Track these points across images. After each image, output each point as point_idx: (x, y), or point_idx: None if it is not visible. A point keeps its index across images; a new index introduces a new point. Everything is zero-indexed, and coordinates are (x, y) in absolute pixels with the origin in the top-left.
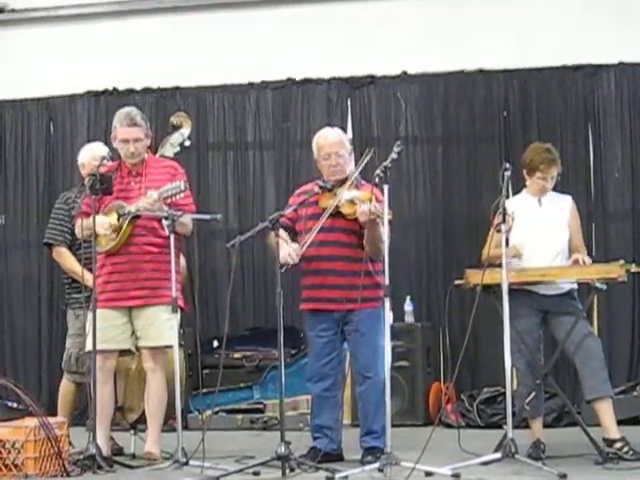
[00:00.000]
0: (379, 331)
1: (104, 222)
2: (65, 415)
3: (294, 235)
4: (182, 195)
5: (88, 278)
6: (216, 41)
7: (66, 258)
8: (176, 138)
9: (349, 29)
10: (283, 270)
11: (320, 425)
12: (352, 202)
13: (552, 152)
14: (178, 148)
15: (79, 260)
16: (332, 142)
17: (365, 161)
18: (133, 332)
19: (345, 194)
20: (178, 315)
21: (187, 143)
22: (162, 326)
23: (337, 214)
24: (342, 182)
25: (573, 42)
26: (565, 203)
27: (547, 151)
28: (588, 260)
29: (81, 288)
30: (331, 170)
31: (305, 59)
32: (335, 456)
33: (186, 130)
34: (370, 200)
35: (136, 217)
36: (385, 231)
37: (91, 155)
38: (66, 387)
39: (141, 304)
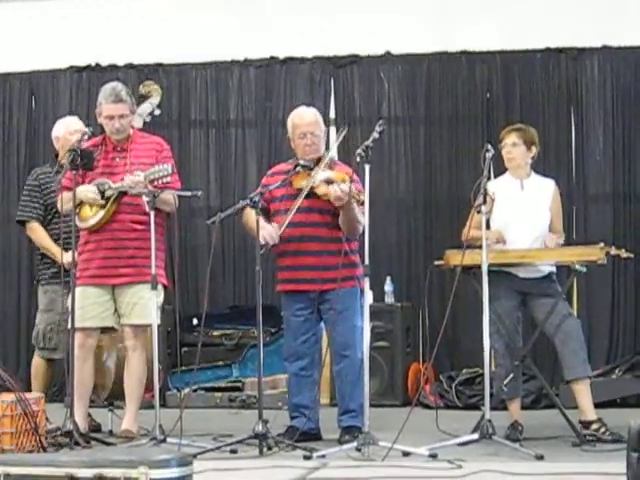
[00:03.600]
0: (356, 310)
1: (88, 188)
2: (38, 391)
3: (268, 215)
4: (169, 179)
5: (59, 253)
6: (200, 18)
7: (38, 233)
8: (144, 108)
9: (333, 8)
10: (263, 251)
11: (297, 404)
12: (326, 183)
13: (518, 124)
14: (148, 118)
15: (52, 236)
16: (308, 121)
17: (340, 139)
18: (116, 309)
19: (320, 174)
20: (162, 293)
21: (157, 112)
22: (146, 304)
23: (312, 194)
24: (318, 161)
25: (557, 25)
26: (548, 187)
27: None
28: (551, 243)
29: (50, 264)
30: (306, 149)
31: (289, 38)
32: (313, 435)
33: (155, 99)
34: (344, 181)
35: (121, 195)
36: (365, 211)
37: (65, 129)
38: (36, 363)
39: (126, 282)
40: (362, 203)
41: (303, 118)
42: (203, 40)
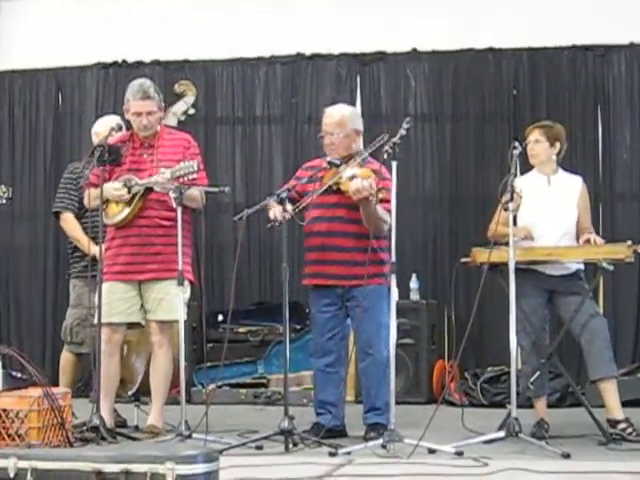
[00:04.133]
0: (382, 308)
1: (114, 185)
2: (65, 385)
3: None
4: (195, 175)
5: (91, 247)
6: (226, 14)
7: (70, 224)
8: (179, 107)
9: (360, 5)
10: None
11: (323, 401)
12: (351, 180)
13: (543, 121)
14: (182, 117)
15: (84, 229)
16: (329, 122)
17: (376, 146)
18: (142, 305)
19: (347, 171)
20: (188, 289)
21: (191, 111)
22: (172, 300)
23: (340, 191)
24: (349, 159)
25: (584, 22)
26: (575, 183)
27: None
28: (600, 240)
29: (81, 258)
30: (325, 149)
31: (315, 34)
32: (338, 432)
33: (190, 98)
34: (368, 178)
35: (148, 191)
36: (392, 208)
37: (105, 126)
38: (65, 357)
39: (152, 278)
40: (381, 200)
41: (328, 117)
42: (229, 37)
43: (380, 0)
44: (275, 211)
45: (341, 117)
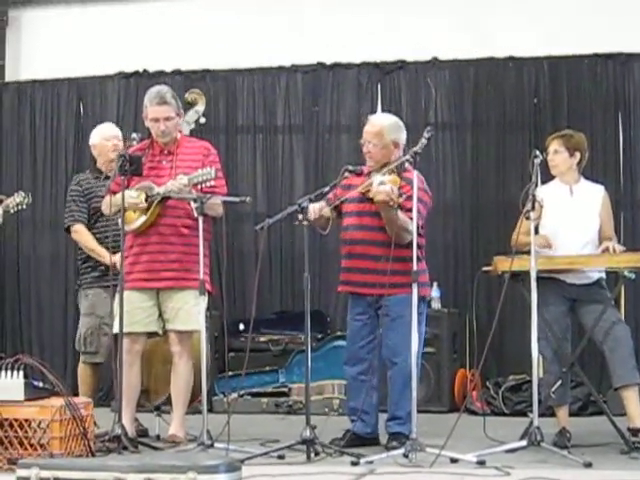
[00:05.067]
0: (411, 318)
1: (130, 194)
2: (84, 395)
3: (339, 214)
4: (213, 182)
5: (105, 255)
6: (247, 24)
7: (83, 236)
8: (191, 116)
9: (380, 14)
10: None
11: (354, 408)
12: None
13: (563, 131)
14: (193, 125)
15: (97, 238)
16: (368, 130)
17: (419, 146)
18: (160, 314)
19: (377, 178)
20: (206, 298)
21: (202, 120)
22: (191, 310)
23: (370, 199)
24: (382, 168)
25: (604, 30)
26: (597, 192)
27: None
28: (619, 248)
29: (92, 268)
30: (365, 156)
31: (336, 43)
32: (370, 440)
33: (200, 107)
34: (394, 184)
35: (165, 198)
36: (414, 216)
37: (101, 136)
38: (81, 368)
39: (170, 286)
40: (399, 206)
41: (368, 126)
42: (250, 46)
43: (400, 9)
44: (313, 207)
45: (380, 128)
